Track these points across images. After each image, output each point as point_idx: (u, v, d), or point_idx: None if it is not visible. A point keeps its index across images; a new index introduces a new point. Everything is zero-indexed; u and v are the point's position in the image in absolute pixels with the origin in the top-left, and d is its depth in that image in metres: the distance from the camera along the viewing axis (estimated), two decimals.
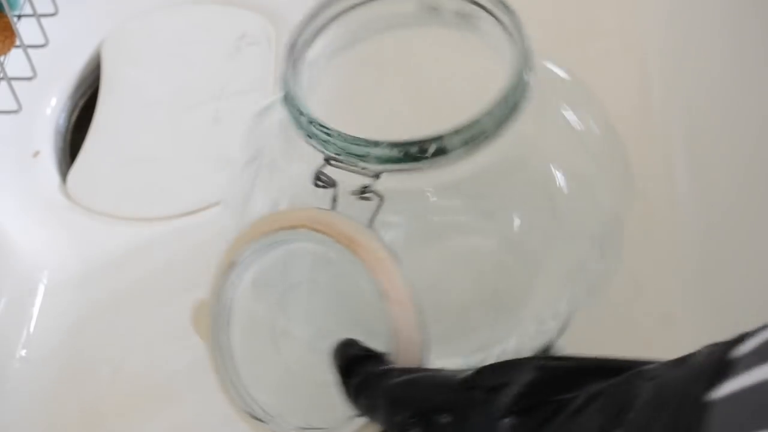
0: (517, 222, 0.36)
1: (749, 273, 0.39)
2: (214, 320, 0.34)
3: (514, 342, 0.37)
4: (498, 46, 0.34)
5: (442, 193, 0.35)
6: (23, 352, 0.49)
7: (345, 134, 0.31)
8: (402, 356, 0.30)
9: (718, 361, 0.19)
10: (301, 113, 0.32)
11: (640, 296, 0.46)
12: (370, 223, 0.32)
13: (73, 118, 0.62)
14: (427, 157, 0.31)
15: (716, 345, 0.21)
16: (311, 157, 0.32)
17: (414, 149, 0.31)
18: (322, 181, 0.32)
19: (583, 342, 0.44)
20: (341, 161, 0.32)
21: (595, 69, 0.55)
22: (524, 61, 0.33)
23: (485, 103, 0.31)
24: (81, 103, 0.63)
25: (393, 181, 0.31)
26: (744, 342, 0.20)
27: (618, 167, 0.38)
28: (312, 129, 0.32)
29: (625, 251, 0.37)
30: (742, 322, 0.21)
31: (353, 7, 0.36)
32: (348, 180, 0.32)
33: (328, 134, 0.31)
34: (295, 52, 0.34)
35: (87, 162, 0.57)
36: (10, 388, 0.48)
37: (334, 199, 0.32)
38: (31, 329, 0.50)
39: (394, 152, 0.31)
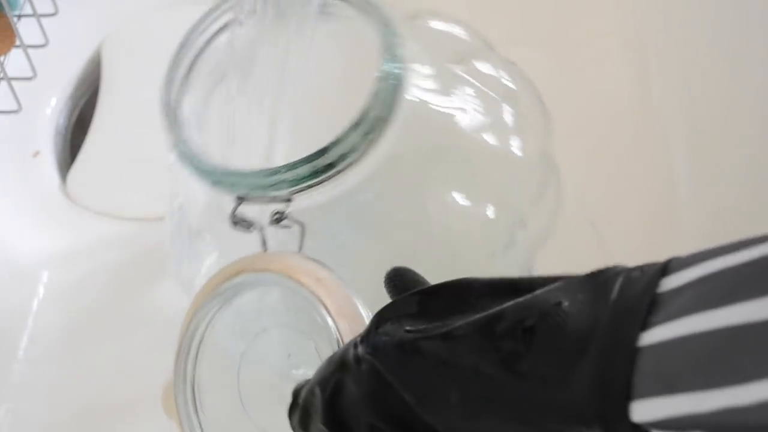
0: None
1: None
2: (181, 399, 0.33)
3: None
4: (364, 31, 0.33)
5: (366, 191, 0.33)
6: (23, 353, 0.49)
7: (250, 171, 0.31)
8: None
9: (647, 296, 0.19)
10: (201, 170, 0.32)
11: None
12: (300, 249, 0.32)
13: (73, 118, 0.62)
14: (334, 164, 0.30)
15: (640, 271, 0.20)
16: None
17: (320, 160, 0.30)
18: (239, 222, 0.32)
19: None
20: (253, 197, 0.31)
21: (595, 69, 0.55)
22: (387, 31, 0.31)
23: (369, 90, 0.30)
24: (81, 103, 0.63)
25: (306, 201, 0.31)
26: (675, 272, 0.19)
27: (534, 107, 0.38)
28: (217, 178, 0.31)
29: (625, 251, 0.37)
30: None
31: (207, 43, 0.35)
32: (264, 215, 0.32)
33: (234, 177, 0.31)
34: (170, 111, 0.33)
35: (87, 162, 0.57)
36: (10, 388, 0.48)
37: (264, 242, 0.32)
38: (31, 329, 0.50)
39: (304, 170, 0.30)
